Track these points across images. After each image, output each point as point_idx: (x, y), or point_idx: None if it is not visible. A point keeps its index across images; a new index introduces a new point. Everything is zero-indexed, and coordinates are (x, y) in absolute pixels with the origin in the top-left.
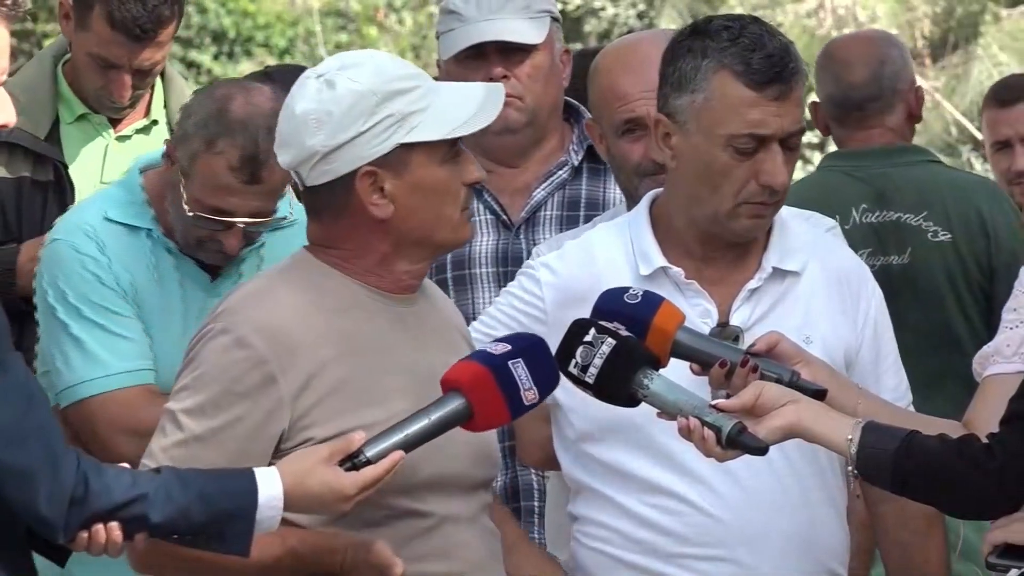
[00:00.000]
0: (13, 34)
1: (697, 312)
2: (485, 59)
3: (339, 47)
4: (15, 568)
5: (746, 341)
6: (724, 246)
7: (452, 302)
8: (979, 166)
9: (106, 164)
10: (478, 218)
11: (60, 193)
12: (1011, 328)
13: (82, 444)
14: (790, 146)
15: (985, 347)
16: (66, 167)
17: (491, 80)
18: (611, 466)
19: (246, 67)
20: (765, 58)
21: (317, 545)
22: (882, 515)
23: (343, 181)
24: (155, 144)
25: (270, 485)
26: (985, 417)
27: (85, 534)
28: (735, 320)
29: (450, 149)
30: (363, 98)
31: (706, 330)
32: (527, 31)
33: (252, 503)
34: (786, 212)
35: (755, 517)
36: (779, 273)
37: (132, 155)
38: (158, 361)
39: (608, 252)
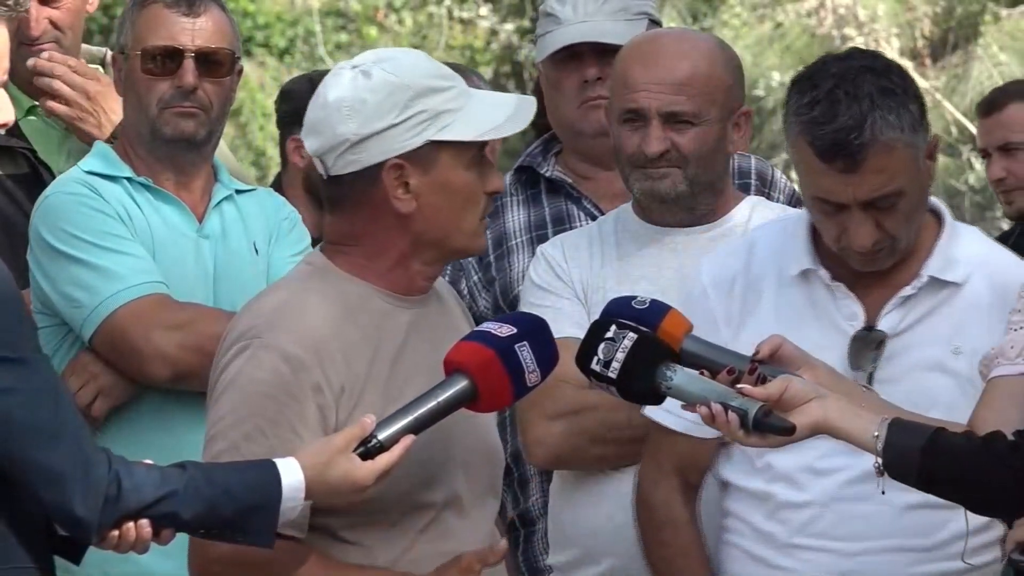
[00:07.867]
0: None
1: (844, 315)
2: (579, 60)
3: (339, 47)
4: (39, 563)
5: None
6: None
7: (460, 302)
8: (979, 166)
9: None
10: (578, 225)
11: (40, 184)
12: (1015, 330)
13: (118, 363)
14: (879, 207)
15: (989, 350)
16: (36, 154)
17: (585, 82)
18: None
19: (246, 67)
20: (831, 133)
21: None
22: None
23: (369, 172)
24: None
25: (292, 476)
26: (990, 418)
27: (115, 533)
28: (883, 325)
29: (477, 154)
30: (398, 90)
31: (850, 332)
32: (622, 32)
33: (276, 496)
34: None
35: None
36: (937, 282)
37: None
38: None
39: (766, 250)
